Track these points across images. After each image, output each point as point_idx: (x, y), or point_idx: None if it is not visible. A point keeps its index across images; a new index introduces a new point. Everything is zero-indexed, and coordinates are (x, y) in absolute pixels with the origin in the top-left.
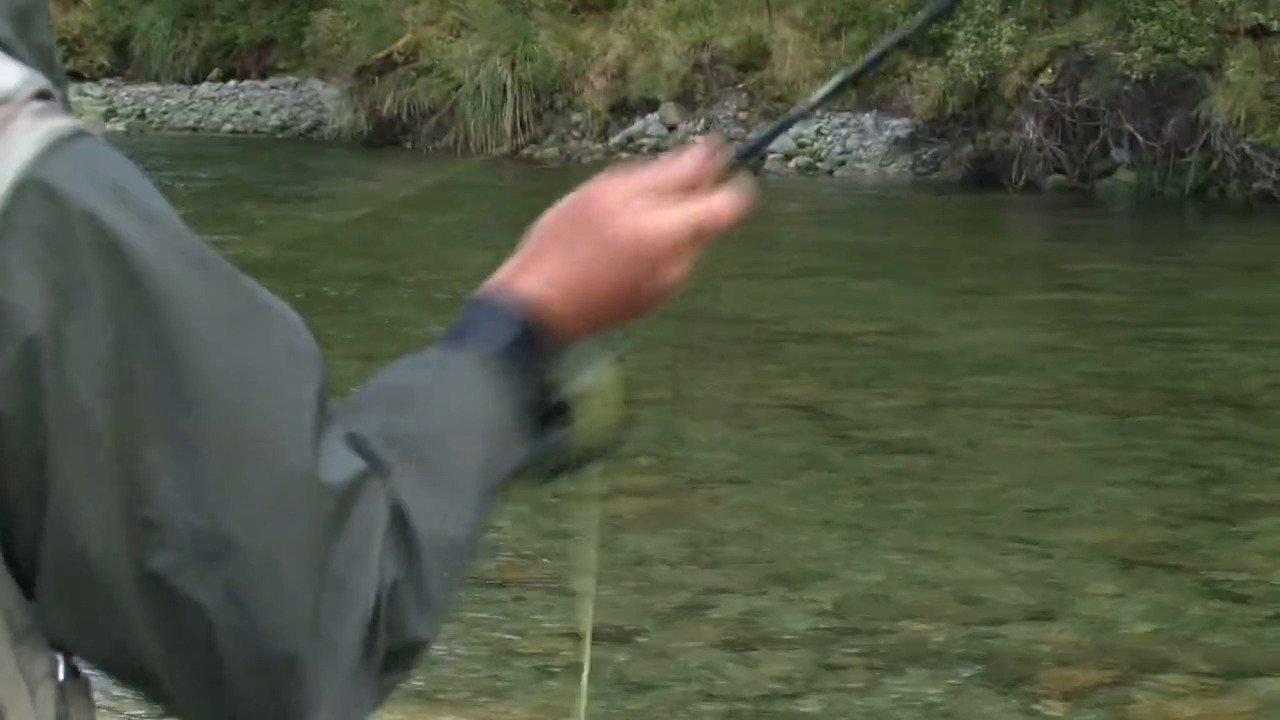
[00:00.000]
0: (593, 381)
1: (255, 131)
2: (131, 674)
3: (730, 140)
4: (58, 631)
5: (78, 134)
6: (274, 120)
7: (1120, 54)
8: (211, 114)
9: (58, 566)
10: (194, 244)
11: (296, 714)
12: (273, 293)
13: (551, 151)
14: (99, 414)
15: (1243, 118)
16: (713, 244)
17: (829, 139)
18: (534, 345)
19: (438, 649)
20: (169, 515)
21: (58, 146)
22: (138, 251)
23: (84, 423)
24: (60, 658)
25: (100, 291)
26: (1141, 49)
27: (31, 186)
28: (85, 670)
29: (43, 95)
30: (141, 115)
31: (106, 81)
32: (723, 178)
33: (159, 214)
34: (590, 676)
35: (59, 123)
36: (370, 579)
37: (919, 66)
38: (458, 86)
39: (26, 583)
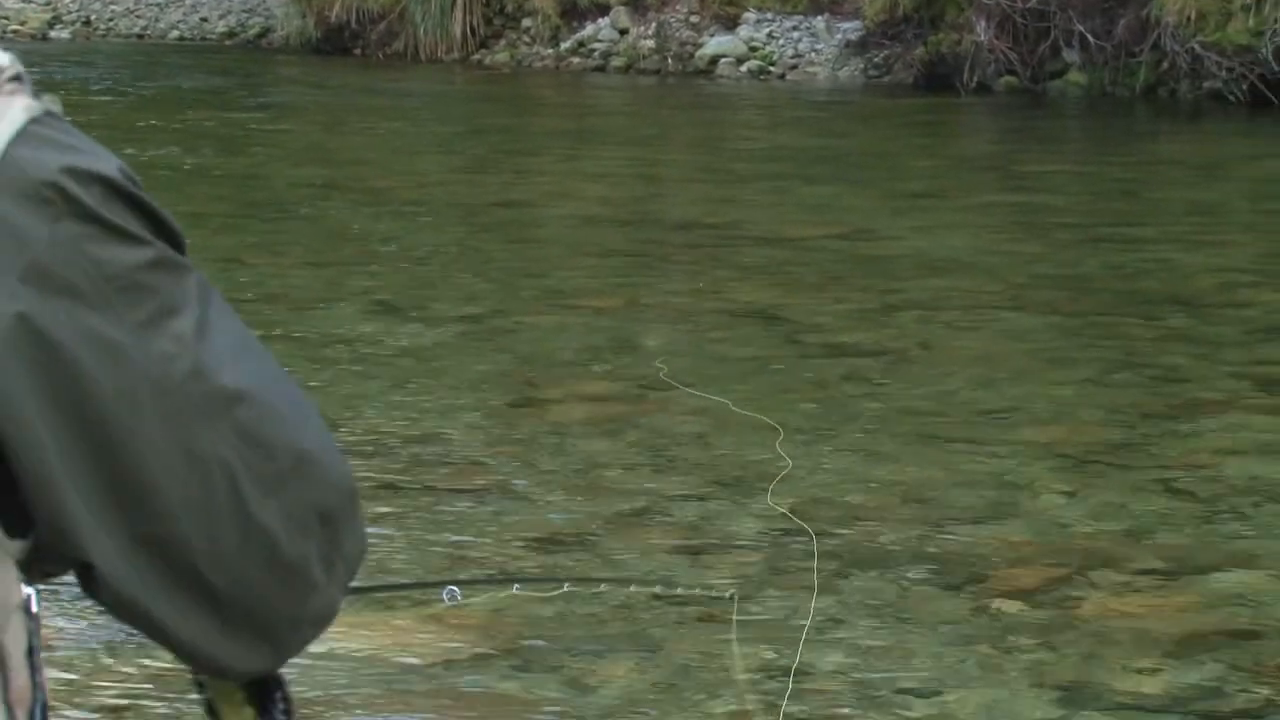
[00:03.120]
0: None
1: (202, 38)
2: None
3: (682, 45)
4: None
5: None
6: (221, 27)
7: None
8: (158, 20)
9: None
10: None
11: None
12: (222, 203)
13: (503, 57)
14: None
15: (1193, 17)
16: (664, 149)
17: (780, 43)
18: None
19: (395, 560)
20: None
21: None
22: None
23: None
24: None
25: None
26: None
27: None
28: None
29: (17, 78)
30: (86, 22)
31: None
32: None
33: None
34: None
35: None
36: None
37: None
38: None
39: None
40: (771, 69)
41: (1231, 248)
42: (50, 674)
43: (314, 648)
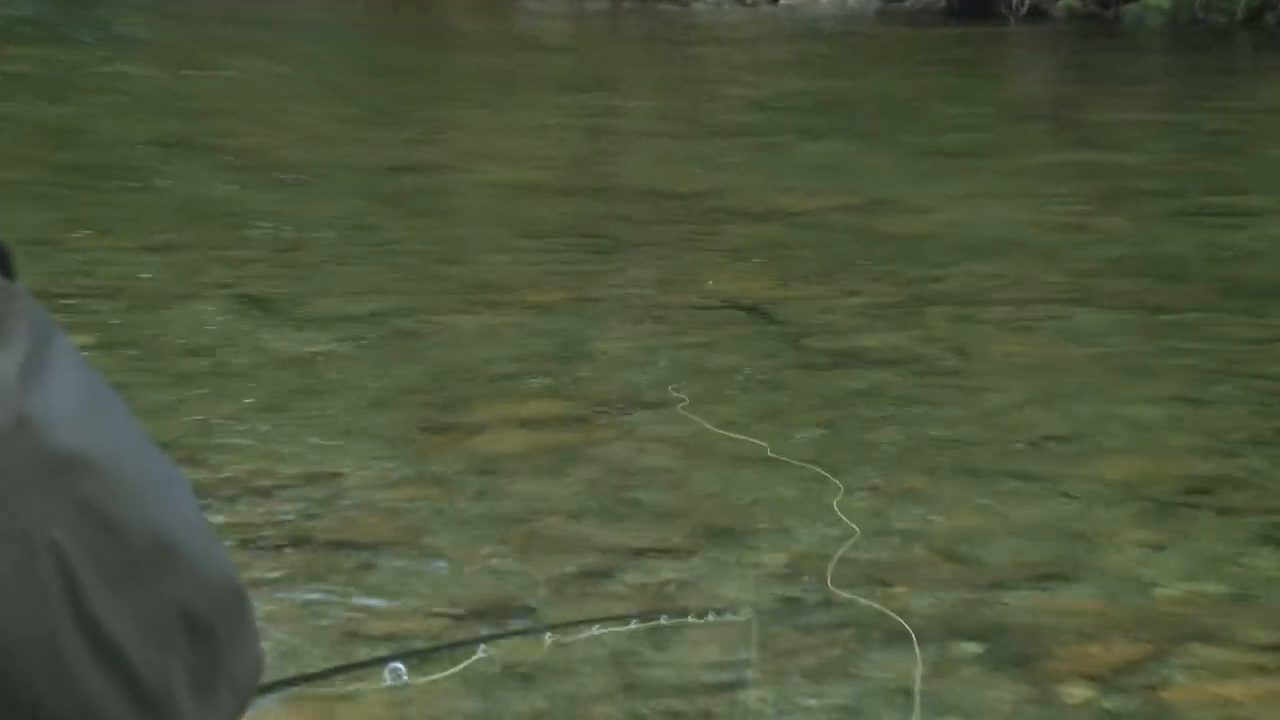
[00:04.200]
0: None
1: None
2: None
3: None
4: None
5: None
6: None
7: None
8: None
9: None
10: None
11: None
12: (35, 167)
13: None
14: None
15: None
16: (621, 94)
17: None
18: None
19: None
20: None
21: None
22: None
23: None
24: None
25: None
26: None
27: None
28: None
29: None
30: None
31: None
32: None
33: None
34: (498, 672)
35: None
36: None
37: None
38: None
39: None
40: None
41: None
42: None
43: None
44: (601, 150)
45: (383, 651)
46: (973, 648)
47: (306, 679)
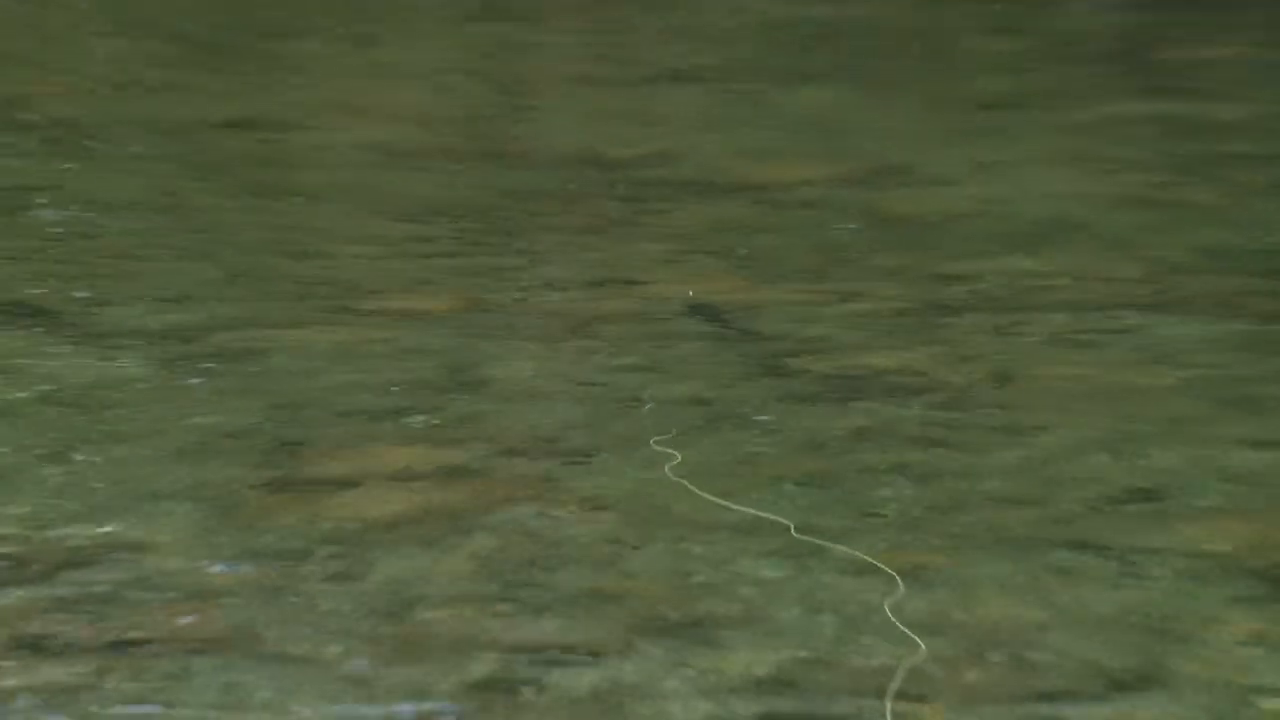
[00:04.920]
0: None
1: None
2: None
3: None
4: None
5: None
6: None
7: None
8: None
9: None
10: None
11: None
12: None
13: None
14: None
15: None
16: (531, 24)
17: None
18: None
19: None
20: None
21: None
22: None
23: None
24: None
25: None
26: None
27: None
28: None
29: None
30: None
31: None
32: None
33: None
34: None
35: None
36: None
37: None
38: None
39: None
40: None
41: None
42: None
43: None
44: (508, 101)
45: None
46: None
47: None
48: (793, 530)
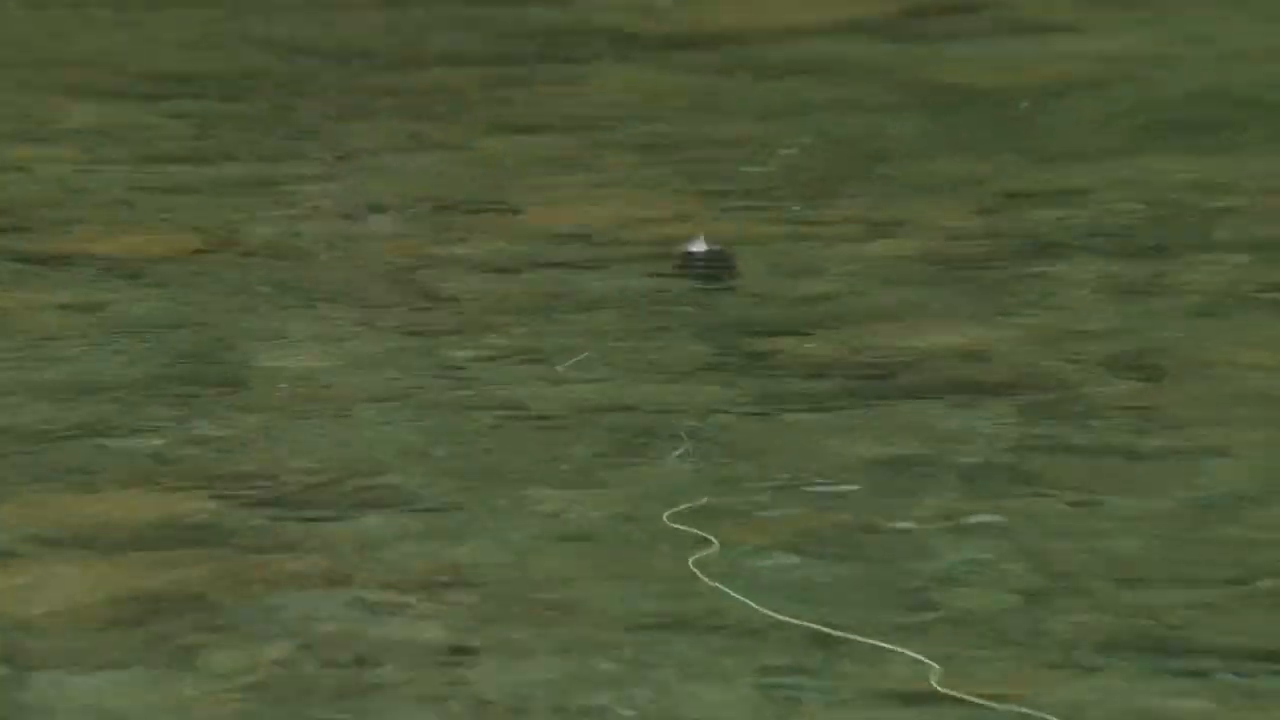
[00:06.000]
0: None
1: None
2: None
3: None
4: None
5: None
6: None
7: None
8: None
9: None
10: None
11: None
12: None
13: None
14: None
15: None
16: None
17: None
18: None
19: None
20: None
21: None
22: None
23: None
24: None
25: None
26: None
27: None
28: None
29: None
30: None
31: None
32: None
33: None
34: None
35: None
36: None
37: None
38: None
39: None
40: None
41: None
42: None
43: None
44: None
45: None
46: None
47: None
48: (932, 681)
